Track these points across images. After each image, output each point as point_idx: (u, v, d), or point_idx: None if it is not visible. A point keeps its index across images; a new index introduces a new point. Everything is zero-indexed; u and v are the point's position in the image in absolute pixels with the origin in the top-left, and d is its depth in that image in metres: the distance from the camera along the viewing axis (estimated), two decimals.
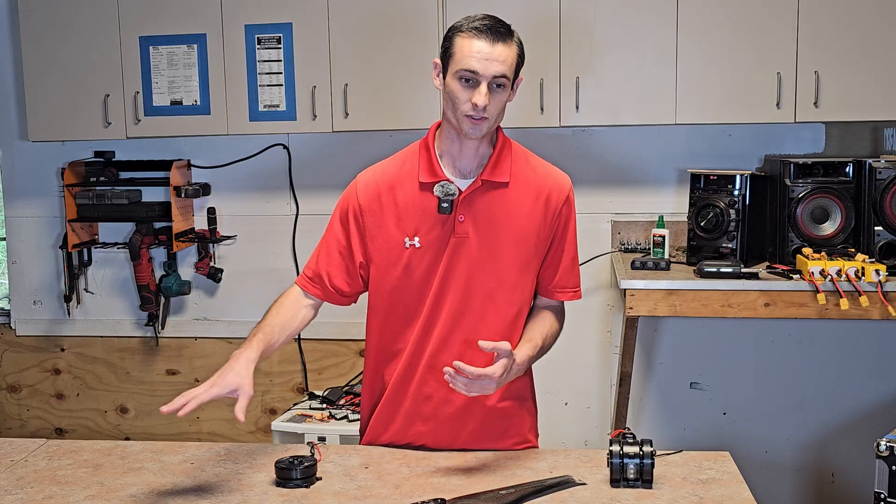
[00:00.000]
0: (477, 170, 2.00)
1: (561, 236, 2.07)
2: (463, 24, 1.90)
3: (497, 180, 1.99)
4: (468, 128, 1.91)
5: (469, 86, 1.88)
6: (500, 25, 1.89)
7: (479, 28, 1.87)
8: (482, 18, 1.89)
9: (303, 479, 1.87)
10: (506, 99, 1.93)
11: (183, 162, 3.87)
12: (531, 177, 2.04)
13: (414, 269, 2.01)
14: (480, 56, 1.86)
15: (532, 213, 2.01)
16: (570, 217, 2.08)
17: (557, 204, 2.04)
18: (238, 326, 4.00)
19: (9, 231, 4.13)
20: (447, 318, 2.01)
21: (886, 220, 3.12)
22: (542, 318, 2.08)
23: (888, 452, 1.90)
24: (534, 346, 1.99)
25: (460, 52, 1.88)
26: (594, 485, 1.85)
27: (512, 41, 1.90)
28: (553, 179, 2.06)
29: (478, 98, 1.86)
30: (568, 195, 2.07)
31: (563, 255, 2.08)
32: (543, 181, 2.05)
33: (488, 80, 1.87)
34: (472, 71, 1.86)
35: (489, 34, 1.86)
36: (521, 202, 2.01)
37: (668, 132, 3.64)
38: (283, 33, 3.52)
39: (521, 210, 2.01)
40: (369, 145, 3.70)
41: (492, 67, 1.86)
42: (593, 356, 3.82)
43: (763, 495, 3.58)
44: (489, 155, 2.01)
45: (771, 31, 3.26)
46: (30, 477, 1.95)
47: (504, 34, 1.88)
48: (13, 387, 4.21)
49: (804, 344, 3.68)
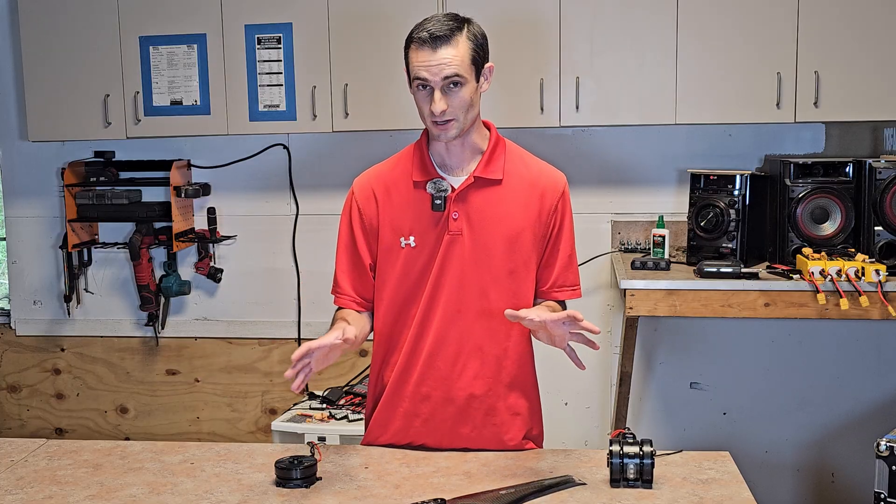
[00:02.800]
0: (469, 167, 2.02)
1: (557, 234, 2.07)
2: (413, 33, 1.93)
3: (490, 177, 2.01)
4: (436, 132, 1.95)
5: (427, 93, 1.92)
6: (444, 27, 1.89)
7: (422, 38, 1.90)
8: (426, 23, 1.91)
9: (303, 479, 1.87)
10: (469, 94, 1.93)
11: (183, 162, 3.87)
12: (525, 174, 2.04)
13: (410, 269, 2.02)
14: (426, 64, 1.89)
15: (527, 209, 2.02)
16: (565, 214, 2.08)
17: (552, 201, 2.05)
18: (238, 326, 4.00)
19: (9, 231, 4.13)
20: (442, 315, 2.01)
21: (886, 220, 3.12)
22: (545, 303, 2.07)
23: (888, 452, 1.90)
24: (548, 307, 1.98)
25: (411, 63, 1.93)
26: (594, 485, 1.85)
27: (459, 37, 1.90)
28: (547, 176, 2.07)
29: (434, 105, 1.90)
30: (563, 192, 2.07)
31: (559, 254, 2.08)
32: (538, 178, 2.05)
33: (440, 85, 1.90)
34: (423, 79, 1.90)
35: (430, 42, 1.89)
36: (515, 199, 2.02)
37: (668, 132, 3.64)
38: (283, 33, 3.52)
39: (516, 207, 2.01)
40: (369, 145, 3.70)
41: (440, 72, 1.89)
42: (593, 356, 3.78)
43: (763, 495, 3.59)
44: (482, 152, 2.03)
45: (771, 31, 3.26)
46: (30, 477, 1.95)
47: (446, 36, 1.89)
48: (13, 387, 4.21)
49: (804, 344, 3.68)
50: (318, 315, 3.88)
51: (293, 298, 3.95)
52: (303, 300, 3.93)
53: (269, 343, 3.99)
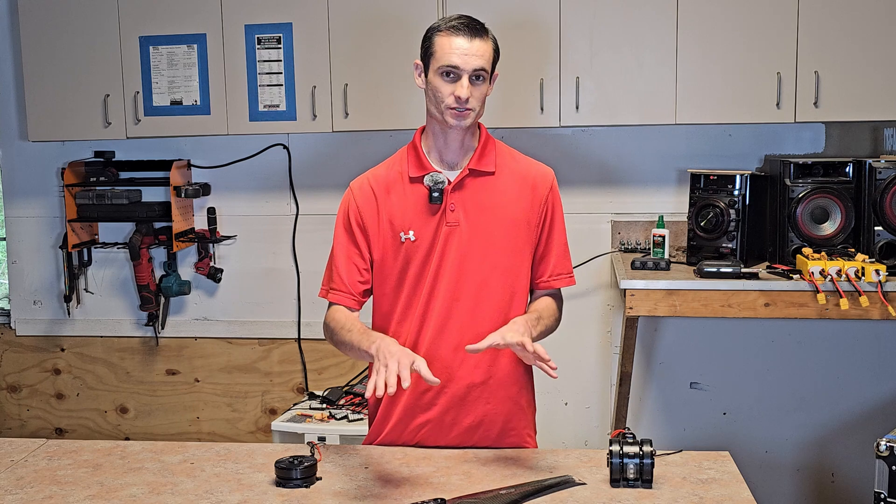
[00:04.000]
0: (464, 161, 2.09)
1: (550, 225, 2.13)
2: (441, 24, 2.01)
3: (484, 169, 2.08)
4: (453, 119, 2.01)
5: (451, 80, 1.99)
6: (476, 23, 2.01)
7: (457, 26, 1.98)
8: (458, 18, 2.01)
9: (303, 479, 1.87)
10: (485, 92, 2.03)
11: (183, 162, 3.87)
12: (515, 167, 2.13)
13: (411, 262, 2.07)
14: (460, 52, 1.97)
15: (519, 199, 2.09)
16: (556, 205, 2.15)
17: (543, 191, 2.12)
18: (238, 326, 4.00)
19: (9, 231, 4.13)
20: (442, 305, 2.05)
21: (886, 220, 3.12)
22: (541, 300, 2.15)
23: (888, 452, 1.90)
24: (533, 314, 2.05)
25: (441, 49, 1.99)
26: (594, 485, 1.85)
27: (487, 37, 2.02)
28: (536, 169, 2.15)
29: (460, 91, 1.97)
30: (552, 184, 2.15)
31: (554, 244, 2.14)
32: (527, 170, 2.13)
33: (469, 74, 1.98)
34: (454, 66, 1.97)
35: (467, 31, 1.98)
36: (507, 189, 2.09)
37: (668, 132, 3.64)
38: (283, 33, 3.52)
39: (509, 196, 2.08)
40: (369, 145, 3.70)
41: (471, 62, 1.97)
42: (593, 356, 3.82)
43: (763, 495, 3.59)
44: (474, 148, 2.10)
45: (771, 31, 3.26)
46: (30, 477, 1.95)
47: (480, 31, 2.00)
48: (13, 387, 4.21)
49: (804, 344, 3.68)
50: (318, 315, 3.88)
51: (293, 298, 3.95)
52: (303, 300, 3.93)
53: (269, 343, 3.99)
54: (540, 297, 2.16)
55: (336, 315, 2.11)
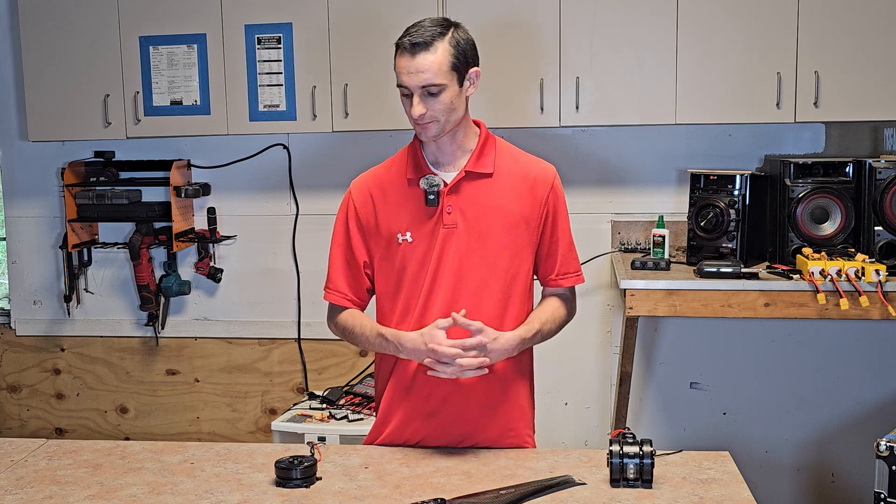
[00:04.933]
0: (461, 164, 2.08)
1: (553, 225, 2.12)
2: (398, 39, 2.00)
3: (481, 171, 2.07)
4: (418, 132, 2.03)
5: (408, 97, 1.99)
6: (426, 33, 1.96)
7: (403, 44, 1.97)
8: (409, 30, 1.98)
9: (303, 479, 1.87)
10: (450, 98, 1.99)
11: (183, 162, 3.87)
12: (515, 167, 2.10)
13: (408, 264, 2.07)
14: (405, 71, 1.97)
15: (519, 199, 2.08)
16: (558, 204, 2.13)
17: (543, 190, 2.10)
18: (238, 326, 4.00)
19: (9, 231, 4.13)
20: (441, 308, 2.04)
21: (886, 220, 3.12)
22: (545, 304, 2.15)
23: (888, 452, 1.90)
24: (528, 328, 2.05)
25: (396, 68, 1.99)
26: (594, 485, 1.85)
27: (439, 44, 1.96)
28: (537, 168, 2.13)
29: (412, 109, 1.98)
30: (553, 182, 2.12)
31: (560, 242, 2.14)
32: (527, 170, 2.11)
33: (418, 91, 1.96)
34: (403, 85, 1.98)
35: (410, 48, 1.96)
36: (506, 190, 2.07)
37: (668, 132, 3.64)
38: (283, 33, 3.52)
39: (508, 197, 2.07)
40: (369, 145, 3.70)
41: (416, 79, 1.96)
42: (593, 356, 3.82)
43: (763, 495, 3.59)
44: (472, 149, 2.08)
45: (771, 31, 3.26)
46: (30, 477, 1.95)
47: (425, 43, 1.95)
48: (13, 387, 4.21)
49: (804, 344, 3.68)
50: (318, 315, 3.88)
51: (293, 298, 3.95)
52: (303, 300, 3.93)
53: (269, 343, 3.99)
54: (547, 300, 2.16)
55: (340, 319, 2.15)
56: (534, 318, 2.09)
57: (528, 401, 2.17)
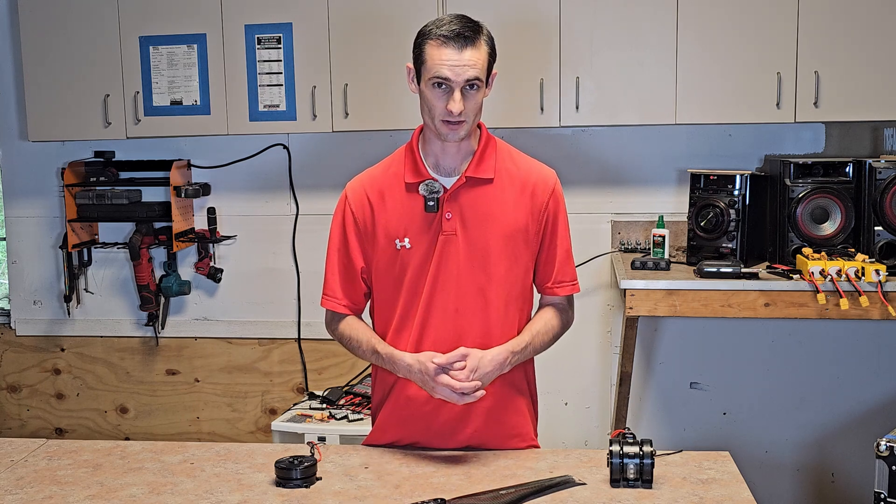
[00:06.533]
0: (461, 168, 2.03)
1: (552, 231, 2.08)
2: (432, 30, 1.91)
3: (481, 177, 2.02)
4: (446, 132, 1.95)
5: (443, 91, 1.91)
6: (467, 28, 1.90)
7: (447, 35, 1.89)
8: (449, 23, 1.90)
9: (303, 479, 1.87)
10: (481, 98, 1.95)
11: (183, 162, 3.87)
12: (515, 172, 2.06)
13: (406, 270, 2.03)
14: (451, 64, 1.88)
15: (518, 207, 2.03)
16: (558, 210, 2.09)
17: (543, 198, 2.06)
18: (238, 326, 4.00)
19: (9, 231, 4.13)
20: (440, 315, 2.02)
21: (886, 220, 3.12)
22: (538, 316, 2.12)
23: (888, 452, 1.90)
24: (518, 342, 2.02)
25: (431, 59, 1.90)
26: (594, 485, 1.85)
27: (480, 41, 1.91)
28: (537, 174, 2.08)
29: (452, 105, 1.90)
30: (553, 189, 2.08)
31: (557, 250, 2.09)
32: (528, 176, 2.06)
33: (461, 86, 1.90)
34: (445, 78, 1.89)
35: (457, 41, 1.88)
36: (506, 197, 2.03)
37: (668, 132, 3.64)
38: (283, 33, 3.52)
39: (507, 205, 2.02)
40: (369, 145, 3.70)
41: (463, 74, 1.89)
42: (593, 356, 3.82)
43: (763, 495, 3.59)
44: (473, 152, 2.03)
45: (771, 31, 3.26)
46: (30, 477, 1.95)
47: (471, 38, 1.89)
48: (13, 387, 4.21)
49: (804, 344, 3.68)
50: (318, 315, 3.88)
51: (293, 298, 3.95)
52: (303, 300, 3.93)
53: (269, 343, 3.99)
54: (541, 311, 2.13)
55: (339, 328, 2.13)
56: (525, 330, 2.06)
57: (530, 405, 2.16)
